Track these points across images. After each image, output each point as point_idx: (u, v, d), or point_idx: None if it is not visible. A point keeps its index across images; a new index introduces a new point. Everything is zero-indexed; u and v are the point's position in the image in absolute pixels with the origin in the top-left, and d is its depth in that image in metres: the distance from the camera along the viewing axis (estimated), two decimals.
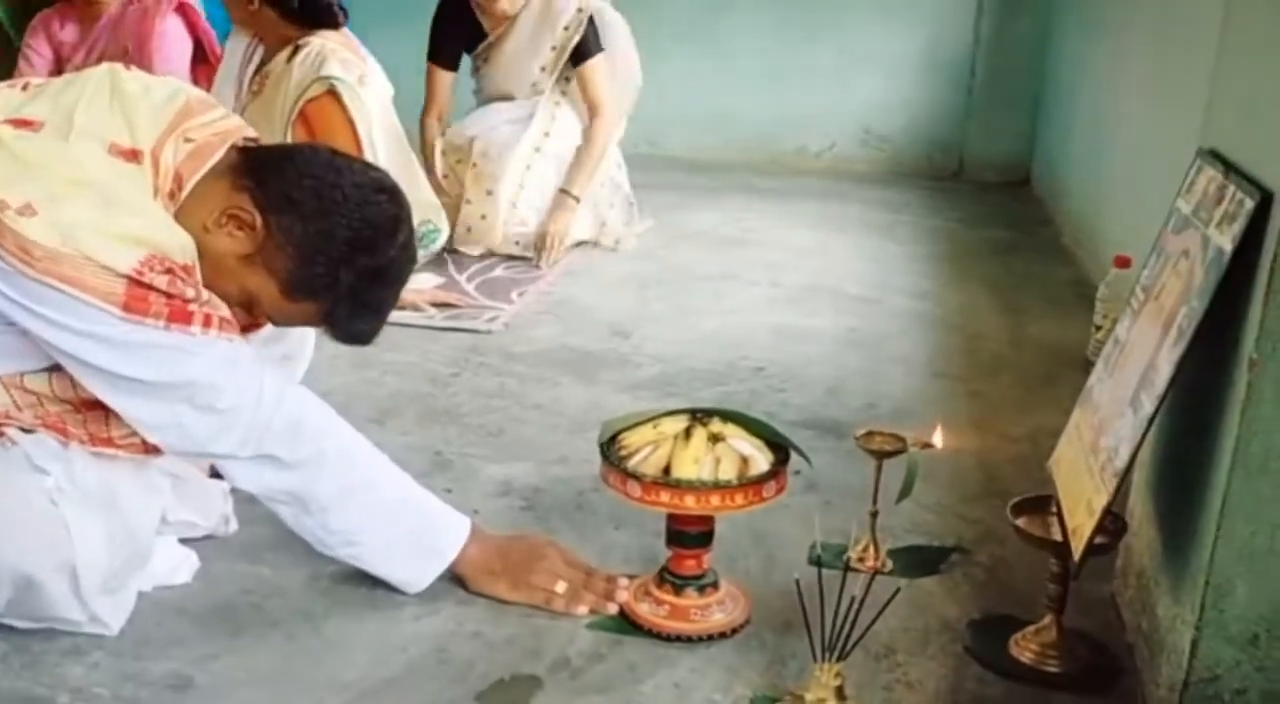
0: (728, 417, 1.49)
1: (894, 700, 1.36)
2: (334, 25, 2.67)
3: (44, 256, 1.27)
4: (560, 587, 1.52)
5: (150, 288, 1.32)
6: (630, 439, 1.47)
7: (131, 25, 3.06)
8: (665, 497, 1.40)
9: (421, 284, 2.92)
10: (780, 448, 1.48)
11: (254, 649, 1.41)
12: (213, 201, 1.41)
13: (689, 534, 1.47)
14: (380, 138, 2.73)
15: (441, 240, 2.96)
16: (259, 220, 1.40)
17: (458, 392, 2.29)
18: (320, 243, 1.41)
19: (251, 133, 1.55)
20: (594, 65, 3.31)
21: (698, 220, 3.78)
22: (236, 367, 1.40)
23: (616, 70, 3.42)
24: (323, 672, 1.37)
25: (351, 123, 2.64)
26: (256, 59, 2.72)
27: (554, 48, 3.28)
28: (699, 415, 1.48)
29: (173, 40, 3.07)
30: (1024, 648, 1.45)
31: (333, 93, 2.60)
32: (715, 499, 1.39)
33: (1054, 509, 1.45)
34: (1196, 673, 1.22)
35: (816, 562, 1.65)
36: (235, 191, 1.42)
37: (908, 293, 3.07)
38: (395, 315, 2.62)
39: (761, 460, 1.44)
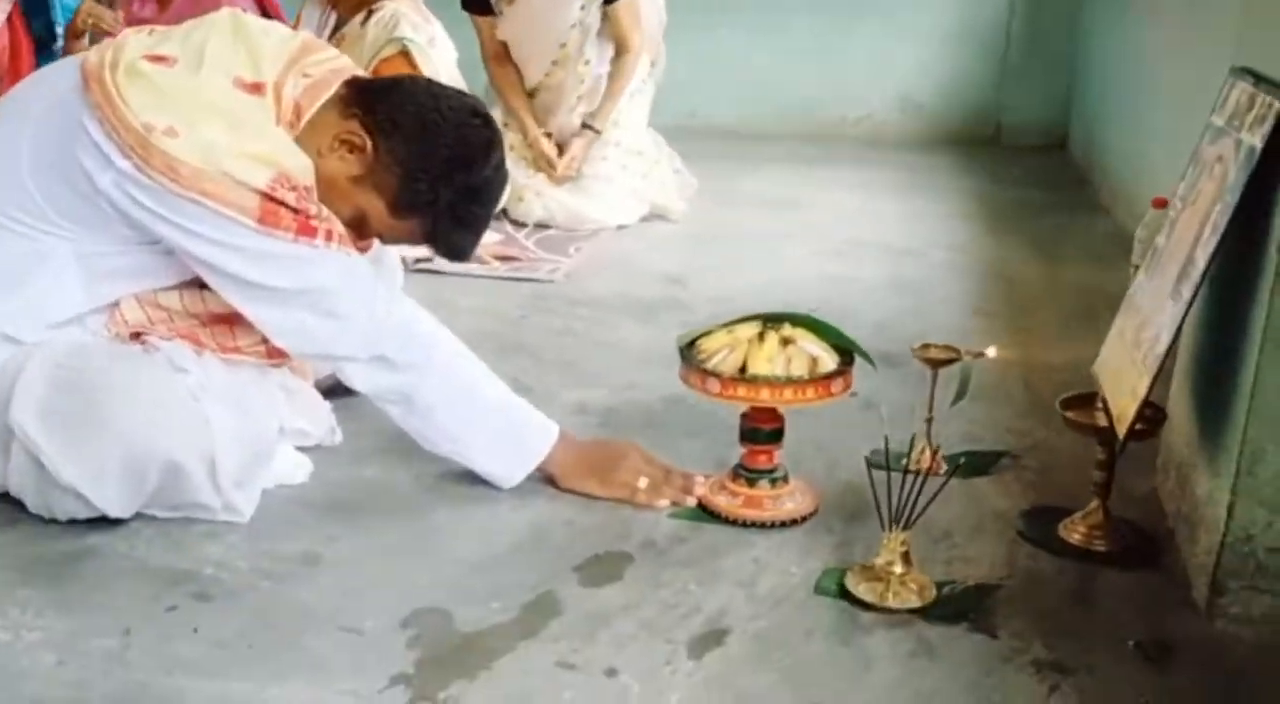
0: (797, 321, 1.62)
1: (953, 572, 1.49)
2: None
3: (189, 174, 1.43)
4: (643, 482, 1.66)
5: (281, 203, 1.47)
6: (707, 344, 1.61)
7: (203, 4, 3.21)
8: (742, 391, 1.54)
9: (483, 239, 3.06)
10: (846, 352, 1.62)
11: (371, 532, 1.56)
12: (327, 129, 1.57)
13: (762, 431, 1.61)
14: None
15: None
16: (368, 144, 1.56)
17: (529, 331, 2.44)
18: (422, 162, 1.57)
19: (359, 71, 1.70)
20: (627, 3, 3.37)
21: (744, 186, 3.91)
22: (354, 276, 1.55)
23: (643, 10, 3.48)
24: (436, 550, 1.52)
25: None
26: (331, 24, 2.88)
27: None
28: (770, 321, 1.62)
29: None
30: (1072, 530, 1.57)
31: (404, 53, 2.76)
32: (788, 393, 1.53)
33: (1099, 405, 1.58)
34: (1232, 534, 1.34)
35: (877, 464, 1.79)
36: (346, 119, 1.58)
37: (948, 246, 3.19)
38: (459, 267, 2.84)
39: (829, 361, 1.58)
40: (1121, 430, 1.42)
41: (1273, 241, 1.27)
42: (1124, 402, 1.45)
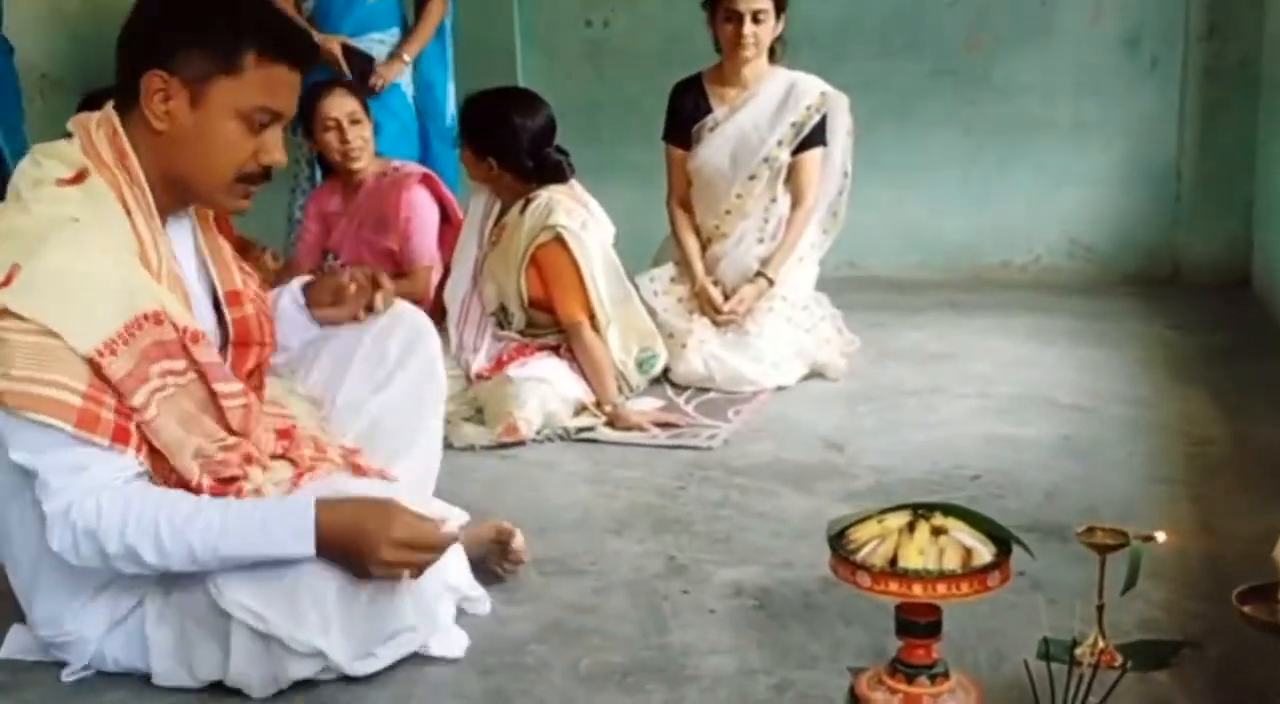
0: (949, 511, 1.59)
1: None
2: (562, 180, 2.99)
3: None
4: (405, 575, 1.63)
5: None
6: (857, 534, 1.59)
7: (386, 195, 3.45)
8: (894, 586, 1.50)
9: (644, 406, 3.12)
10: (1002, 542, 1.57)
11: None
12: (136, 113, 1.66)
13: (918, 624, 1.56)
14: (601, 275, 3.01)
15: (660, 365, 3.19)
16: (159, 76, 1.63)
17: (686, 502, 2.45)
18: (206, 26, 1.64)
19: None
20: (814, 156, 3.47)
21: (902, 338, 3.87)
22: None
23: (830, 165, 3.56)
24: None
25: (576, 264, 2.92)
26: (495, 213, 3.06)
27: (794, 123, 3.42)
28: (921, 510, 1.59)
29: (421, 208, 3.44)
30: None
31: (559, 239, 2.90)
32: (941, 587, 1.48)
33: (1279, 596, 1.48)
34: None
35: (1045, 656, 1.72)
36: (130, 93, 1.65)
37: (1123, 400, 3.07)
38: (622, 435, 2.90)
39: (984, 552, 1.53)
40: None
41: None
42: None
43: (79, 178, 1.63)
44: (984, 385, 3.27)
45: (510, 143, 2.91)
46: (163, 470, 1.62)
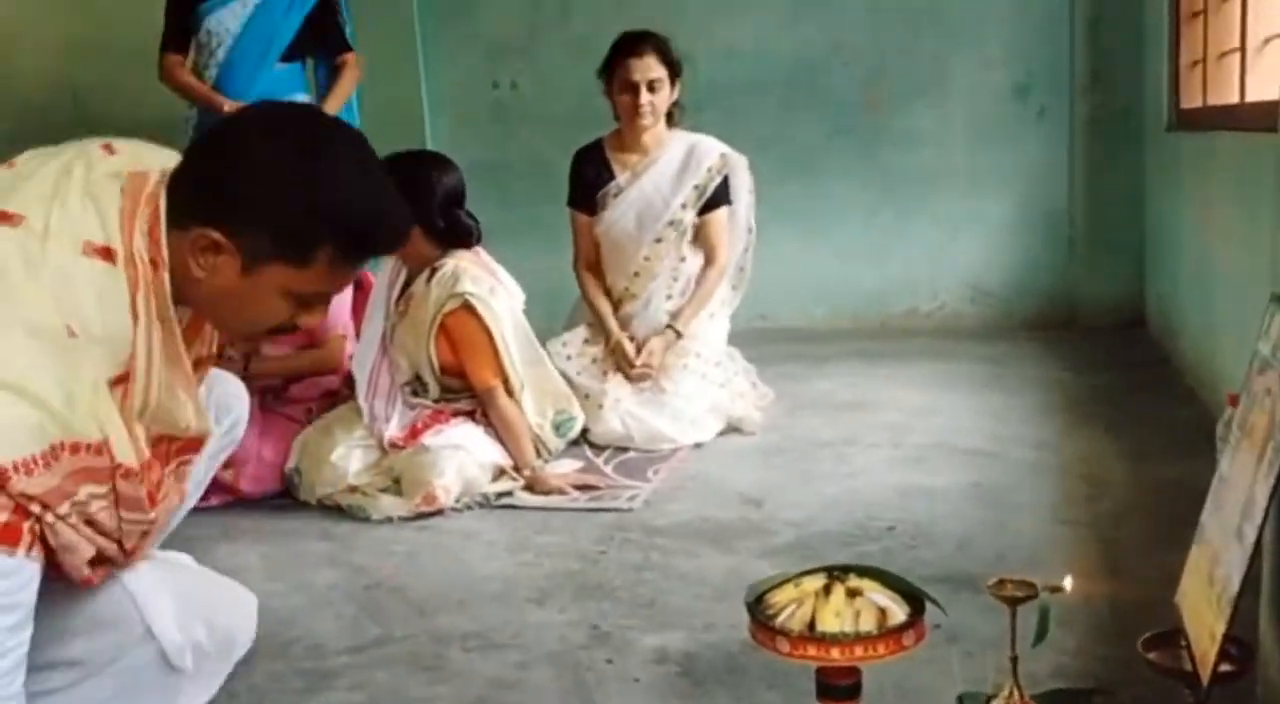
0: (863, 572, 1.62)
1: None
2: (469, 244, 3.00)
3: None
4: None
5: None
6: (775, 598, 1.61)
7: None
8: (812, 650, 1.52)
9: (563, 469, 3.13)
10: (915, 599, 1.61)
11: None
12: (181, 255, 1.47)
13: (838, 687, 1.59)
14: (512, 340, 3.02)
15: (577, 427, 3.20)
16: (217, 233, 1.46)
17: (607, 567, 2.45)
18: (275, 206, 1.46)
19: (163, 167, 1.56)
20: (720, 215, 3.57)
21: (813, 389, 3.95)
22: None
23: (735, 223, 3.64)
24: None
25: (486, 329, 2.94)
26: (400, 282, 3.06)
27: (696, 186, 3.51)
28: (836, 572, 1.62)
29: None
30: None
31: (467, 306, 2.91)
32: (859, 650, 1.51)
33: (1183, 643, 1.54)
34: None
35: None
36: (184, 230, 1.47)
37: (1027, 444, 3.16)
38: (542, 500, 2.90)
39: (898, 611, 1.57)
40: (1205, 676, 1.38)
41: None
42: (1204, 646, 1.41)
43: (106, 255, 1.44)
44: (894, 434, 3.34)
45: (426, 200, 2.91)
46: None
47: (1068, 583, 1.70)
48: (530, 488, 2.97)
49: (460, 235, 2.99)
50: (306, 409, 3.15)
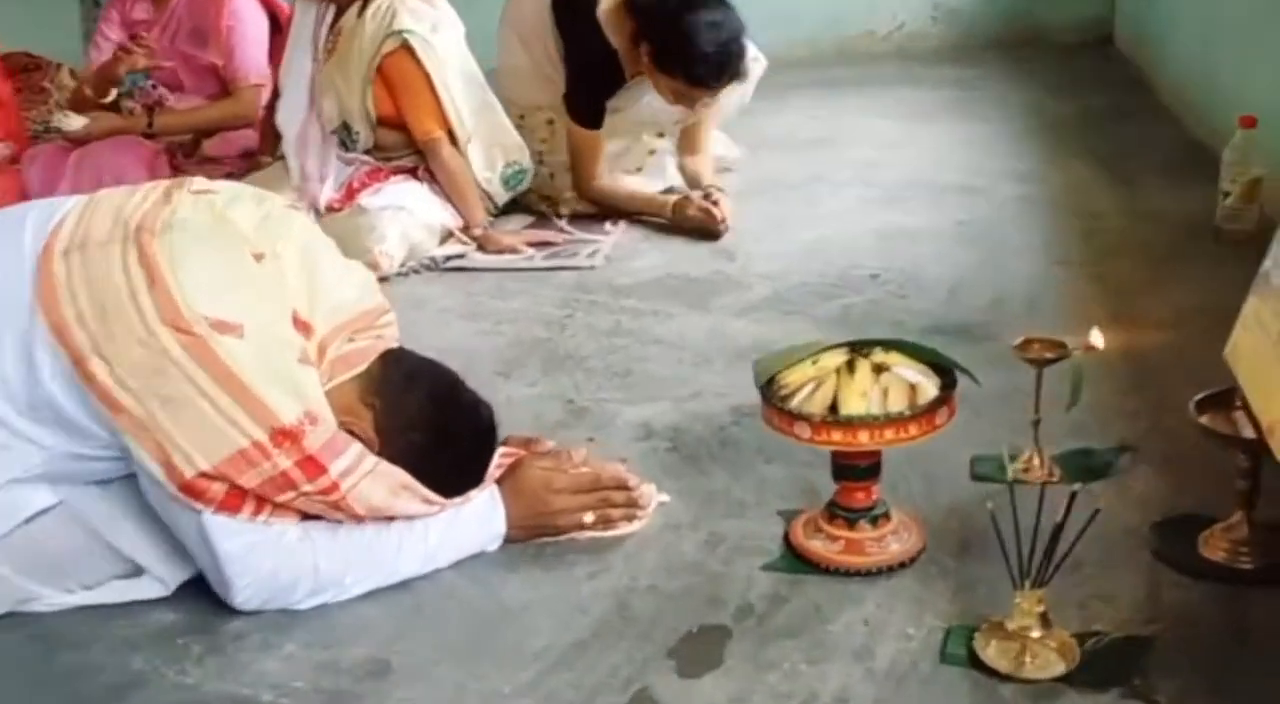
0: (888, 345, 1.44)
1: (1092, 617, 1.32)
2: None
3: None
4: (588, 517, 1.54)
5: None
6: (789, 377, 1.43)
7: (204, 1, 3.01)
8: (837, 435, 1.36)
9: (512, 225, 2.88)
10: (944, 369, 1.44)
11: (440, 626, 1.42)
12: (341, 404, 1.45)
13: (858, 468, 1.44)
14: (457, 84, 2.70)
15: (528, 180, 2.92)
16: (375, 444, 1.46)
17: (575, 333, 2.26)
18: (422, 466, 1.47)
19: (396, 344, 1.59)
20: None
21: (774, 124, 3.65)
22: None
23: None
24: (514, 643, 1.37)
25: (427, 74, 2.61)
26: (329, 19, 2.68)
27: None
28: (858, 347, 1.44)
29: (246, 16, 3.02)
30: (1215, 547, 1.41)
31: (406, 47, 2.56)
32: (889, 433, 1.35)
33: (1238, 404, 1.39)
34: None
35: (979, 477, 1.63)
36: (364, 405, 1.47)
37: (1011, 176, 2.96)
38: (497, 260, 2.67)
39: (929, 386, 1.40)
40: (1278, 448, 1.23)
41: None
42: (1276, 411, 1.26)
43: None
44: (865, 171, 3.12)
45: None
46: None
47: (1097, 340, 1.54)
48: (481, 248, 2.73)
49: None
50: (226, 172, 2.83)
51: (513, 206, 2.96)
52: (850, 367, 1.41)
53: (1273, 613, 1.31)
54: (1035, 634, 1.25)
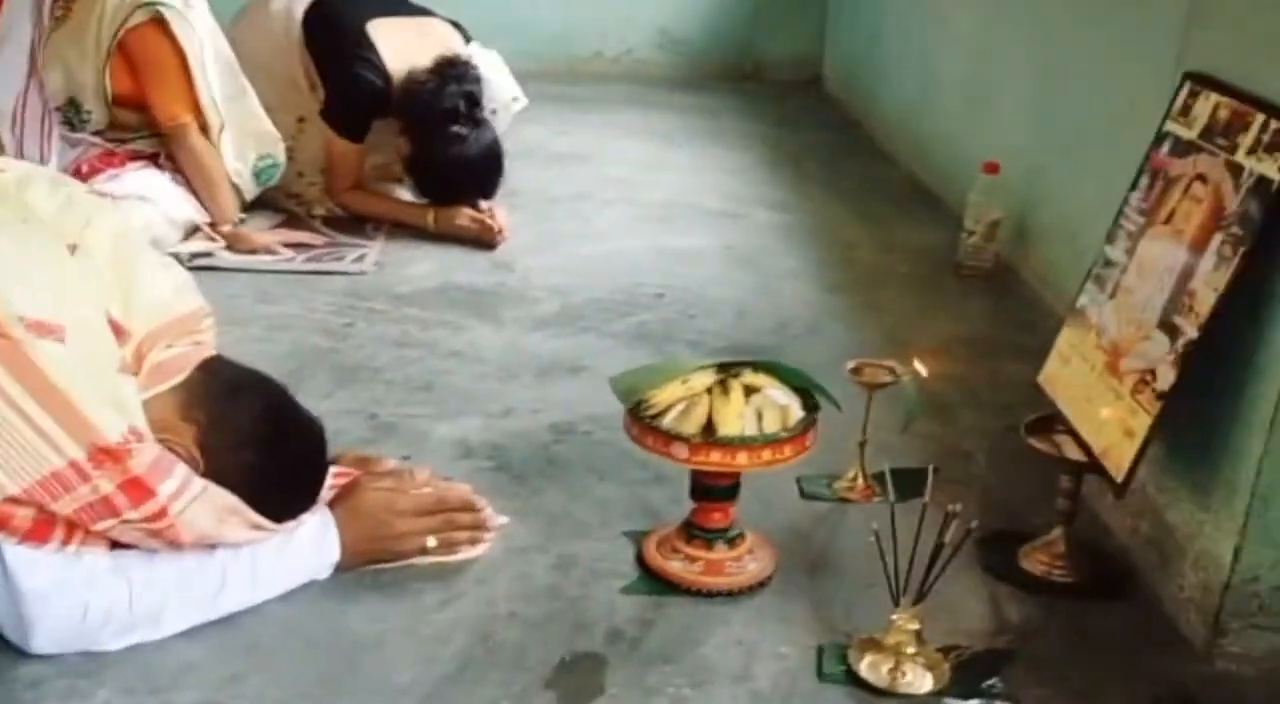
0: (757, 366, 1.45)
1: (939, 629, 1.37)
2: None
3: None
4: (431, 541, 1.46)
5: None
6: (658, 397, 1.41)
7: None
8: (716, 455, 1.35)
9: (258, 223, 2.67)
10: (804, 391, 1.46)
11: (282, 664, 1.27)
12: (159, 418, 1.28)
13: (720, 488, 1.44)
14: (212, 65, 2.47)
15: (279, 174, 2.71)
16: (200, 465, 1.29)
17: (362, 343, 2.12)
18: (252, 487, 1.32)
19: (213, 352, 1.41)
20: None
21: (523, 135, 3.61)
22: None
23: None
24: (368, 678, 1.26)
25: (181, 51, 2.37)
26: None
27: None
28: (727, 368, 1.43)
29: None
30: (1035, 561, 1.51)
31: (158, 20, 2.32)
32: (767, 454, 1.36)
33: (1059, 428, 1.51)
34: (1238, 575, 1.30)
35: (809, 495, 1.67)
36: (184, 420, 1.31)
37: (766, 204, 3.09)
38: (250, 261, 2.48)
39: (796, 408, 1.41)
40: (1120, 472, 1.35)
41: None
42: (1112, 439, 1.38)
43: None
44: (626, 190, 3.15)
45: None
46: None
47: (920, 366, 1.63)
48: (231, 246, 2.52)
49: None
50: None
51: (256, 203, 2.74)
52: (724, 387, 1.40)
53: (1104, 627, 1.41)
54: (910, 650, 1.29)
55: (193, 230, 2.51)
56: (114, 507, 1.18)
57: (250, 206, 2.70)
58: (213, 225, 2.52)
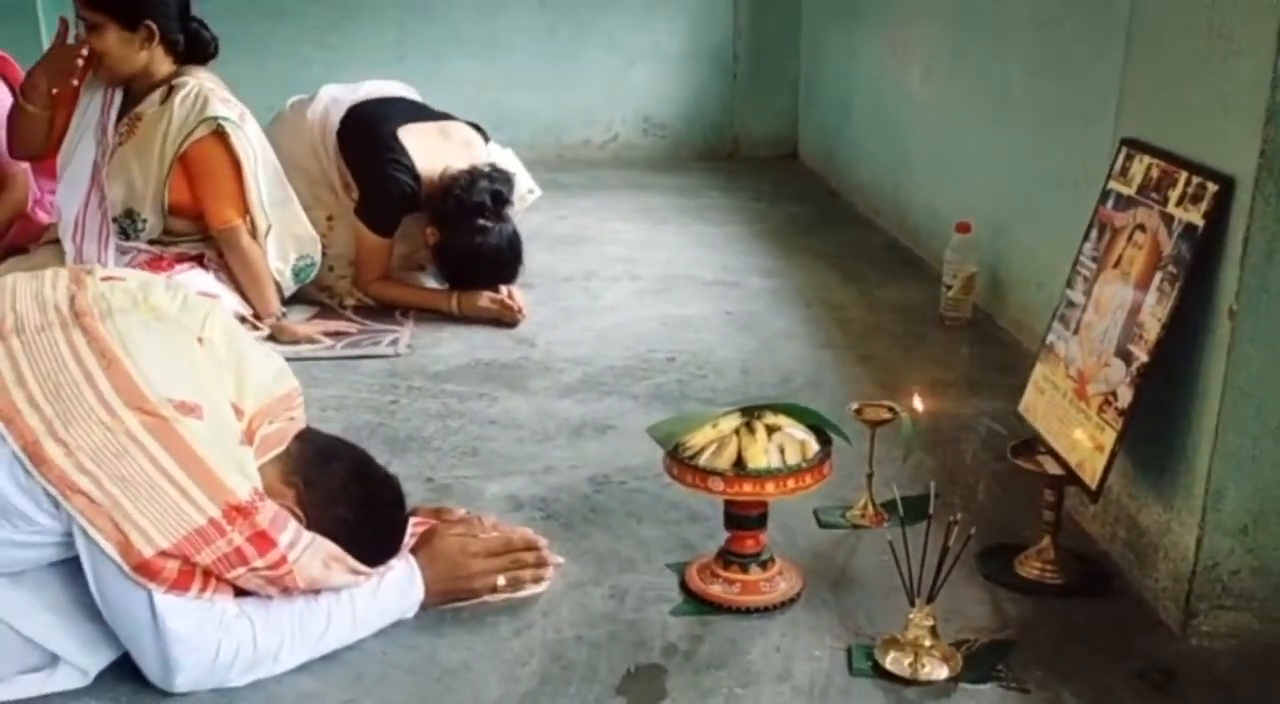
0: (776, 409, 1.67)
1: (949, 626, 1.58)
2: (205, 60, 2.63)
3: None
4: (500, 581, 1.66)
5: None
6: (692, 440, 1.62)
7: None
8: (748, 487, 1.57)
9: (296, 316, 2.90)
10: (818, 429, 1.68)
11: (387, 689, 1.47)
12: (265, 483, 1.48)
13: (750, 517, 1.65)
14: (262, 172, 2.71)
15: (315, 273, 2.95)
16: (300, 514, 1.51)
17: (408, 417, 2.34)
18: (347, 538, 1.52)
19: (305, 425, 1.63)
20: None
21: (525, 220, 3.85)
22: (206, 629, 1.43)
23: None
24: (464, 696, 1.45)
25: (237, 162, 2.62)
26: (118, 103, 2.62)
27: None
28: (750, 411, 1.66)
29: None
30: (1030, 567, 1.72)
31: (219, 133, 2.57)
32: (791, 482, 1.57)
33: (1041, 450, 1.73)
34: (1201, 563, 1.52)
35: (825, 524, 1.88)
36: (285, 485, 1.52)
37: (756, 272, 3.34)
38: (295, 350, 2.70)
39: (813, 443, 1.64)
40: (1094, 481, 1.57)
41: (1223, 307, 1.45)
42: (1084, 454, 1.60)
43: None
44: (628, 267, 3.40)
45: (159, 5, 2.50)
46: None
47: (918, 403, 1.85)
48: (274, 338, 2.74)
49: (198, 48, 2.60)
50: None
51: (291, 297, 2.98)
52: (749, 428, 1.62)
53: (1091, 619, 1.62)
54: (926, 643, 1.49)
55: (239, 322, 2.73)
56: (244, 556, 1.39)
57: (286, 302, 2.93)
58: (257, 318, 2.74)
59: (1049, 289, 2.27)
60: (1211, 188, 1.45)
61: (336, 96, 3.01)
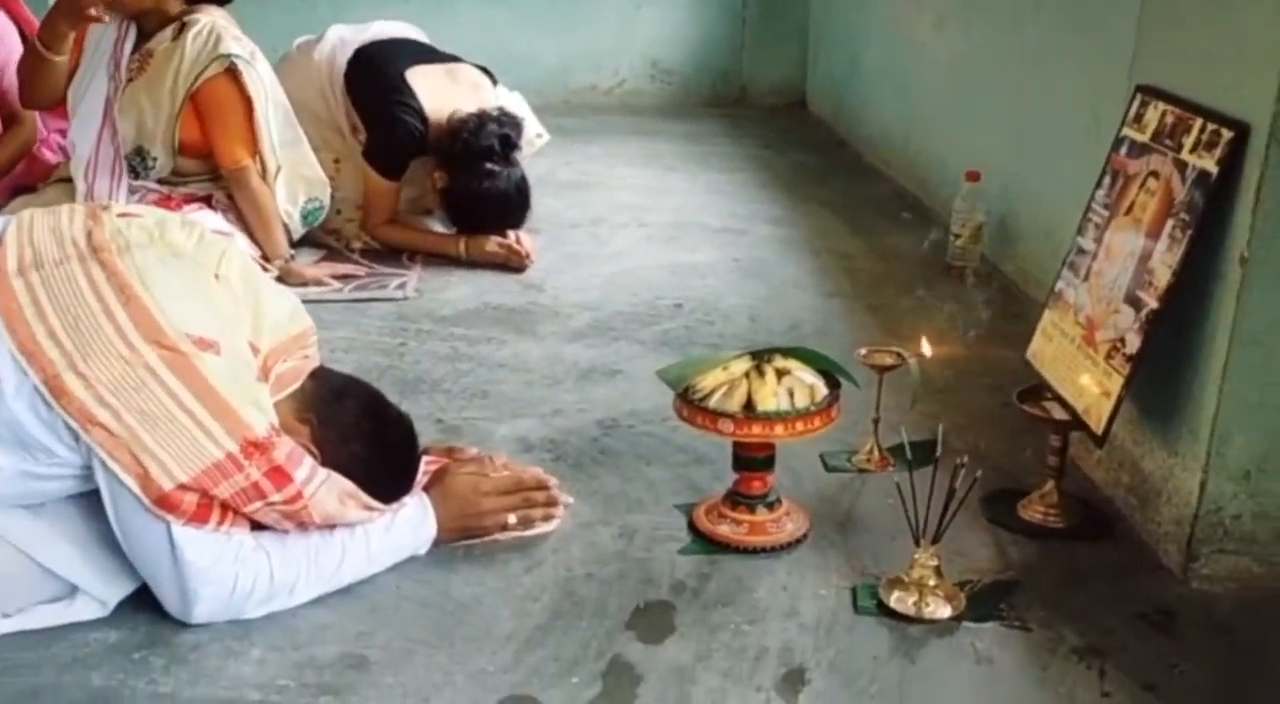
0: (785, 352, 1.68)
1: (953, 566, 1.61)
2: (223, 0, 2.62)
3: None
4: (511, 519, 1.68)
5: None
6: (703, 382, 1.64)
7: None
8: (757, 428, 1.58)
9: (304, 258, 2.90)
10: (827, 373, 1.69)
11: (402, 621, 1.50)
12: (279, 421, 1.49)
13: (758, 459, 1.67)
14: (273, 114, 2.70)
15: (324, 216, 2.95)
16: (314, 451, 1.52)
17: (418, 359, 2.35)
18: (361, 475, 1.54)
19: (319, 364, 1.64)
20: None
21: (532, 165, 3.83)
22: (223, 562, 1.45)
23: None
24: (476, 630, 1.48)
25: (249, 100, 2.61)
26: (132, 38, 2.61)
27: None
28: (760, 355, 1.67)
29: (11, 42, 2.84)
30: (1033, 511, 1.74)
31: (231, 71, 2.55)
32: (800, 425, 1.59)
33: (1048, 396, 1.75)
34: (1205, 507, 1.54)
35: (833, 468, 1.90)
36: (299, 422, 1.54)
37: (765, 220, 3.34)
38: (303, 292, 2.70)
39: (822, 387, 1.65)
40: (1100, 426, 1.58)
41: (1234, 254, 1.45)
42: (1091, 400, 1.62)
43: None
44: (636, 214, 3.39)
45: None
46: None
47: (926, 348, 1.87)
48: (283, 279, 2.74)
49: None
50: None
51: (298, 240, 2.98)
52: (759, 371, 1.64)
53: (1093, 562, 1.65)
54: (931, 582, 1.52)
55: None
56: (261, 491, 1.41)
57: (293, 245, 2.93)
58: (265, 260, 2.75)
59: (1057, 238, 2.27)
60: (1226, 135, 1.45)
61: (344, 37, 2.99)
